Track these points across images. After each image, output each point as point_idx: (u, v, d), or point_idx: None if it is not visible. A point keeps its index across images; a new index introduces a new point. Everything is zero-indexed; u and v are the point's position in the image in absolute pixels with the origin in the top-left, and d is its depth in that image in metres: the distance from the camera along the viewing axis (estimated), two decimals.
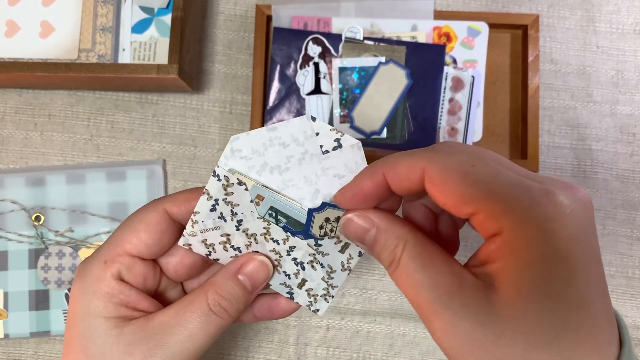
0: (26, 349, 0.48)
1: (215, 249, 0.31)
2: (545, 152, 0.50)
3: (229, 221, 0.30)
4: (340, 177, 0.28)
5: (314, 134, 0.28)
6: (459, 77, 0.48)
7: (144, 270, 0.30)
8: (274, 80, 0.48)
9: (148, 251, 0.30)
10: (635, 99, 0.50)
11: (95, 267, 0.29)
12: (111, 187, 0.48)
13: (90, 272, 0.29)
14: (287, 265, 0.31)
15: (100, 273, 0.29)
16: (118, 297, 0.29)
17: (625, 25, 0.51)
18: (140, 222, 0.30)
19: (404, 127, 0.48)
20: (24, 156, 0.49)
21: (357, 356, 0.48)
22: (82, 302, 0.29)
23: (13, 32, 0.48)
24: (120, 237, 0.30)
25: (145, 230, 0.30)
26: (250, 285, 0.30)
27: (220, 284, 0.30)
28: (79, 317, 0.29)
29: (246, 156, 0.28)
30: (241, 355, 0.48)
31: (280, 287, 0.32)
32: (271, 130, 0.28)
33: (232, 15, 0.51)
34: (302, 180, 0.29)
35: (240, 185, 0.29)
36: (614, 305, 0.49)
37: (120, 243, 0.30)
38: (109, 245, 0.30)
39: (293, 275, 0.31)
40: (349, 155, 0.28)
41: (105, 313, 0.29)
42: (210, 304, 0.29)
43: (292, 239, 0.30)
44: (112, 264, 0.29)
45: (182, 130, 0.50)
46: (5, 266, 0.47)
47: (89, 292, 0.29)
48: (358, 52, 0.48)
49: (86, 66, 0.44)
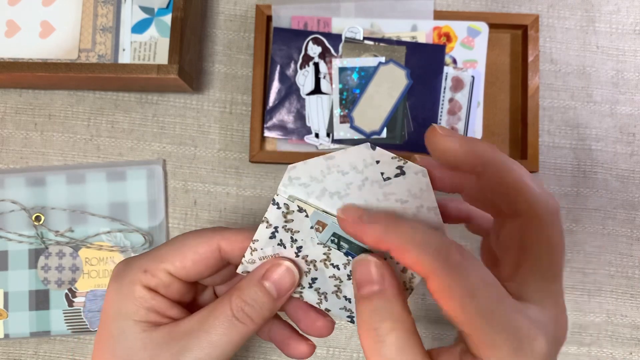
0: (26, 348, 0.48)
1: None
2: (545, 152, 0.50)
3: (289, 248, 0.30)
4: (403, 202, 0.28)
5: (374, 162, 0.28)
6: (459, 77, 0.48)
7: (180, 288, 0.31)
8: (274, 80, 0.48)
9: (187, 277, 0.30)
10: (635, 99, 0.50)
11: (133, 272, 0.30)
12: (111, 187, 0.48)
13: (128, 275, 0.30)
14: (348, 290, 0.30)
15: (137, 279, 0.30)
16: (150, 302, 0.29)
17: (625, 26, 0.51)
18: (190, 249, 0.30)
19: (404, 127, 0.48)
20: (24, 156, 0.49)
21: (357, 356, 0.48)
22: (115, 304, 0.29)
23: (13, 32, 0.48)
24: (166, 255, 0.30)
25: (192, 259, 0.30)
26: (275, 292, 0.29)
27: (244, 289, 0.29)
28: (110, 317, 0.29)
29: (305, 183, 0.28)
30: (241, 355, 0.48)
31: (340, 311, 0.31)
32: (329, 159, 0.28)
33: (232, 15, 0.51)
34: (364, 204, 0.28)
35: (300, 212, 0.29)
36: (614, 305, 0.49)
37: (164, 260, 0.30)
38: (153, 257, 0.30)
39: (354, 299, 0.30)
40: (412, 182, 0.28)
41: (136, 316, 0.29)
42: (233, 310, 0.29)
43: None
44: (151, 277, 0.30)
45: (182, 130, 0.50)
46: (6, 266, 0.47)
47: (123, 294, 0.29)
48: (358, 52, 0.48)
49: (86, 66, 0.44)
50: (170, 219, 0.49)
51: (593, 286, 0.49)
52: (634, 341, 0.48)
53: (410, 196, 0.28)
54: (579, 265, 0.49)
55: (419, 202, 0.28)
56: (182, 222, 0.49)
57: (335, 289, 0.31)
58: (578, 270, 0.49)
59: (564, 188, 0.49)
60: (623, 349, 0.48)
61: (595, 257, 0.49)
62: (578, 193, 0.49)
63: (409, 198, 0.28)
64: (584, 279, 0.49)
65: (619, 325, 0.48)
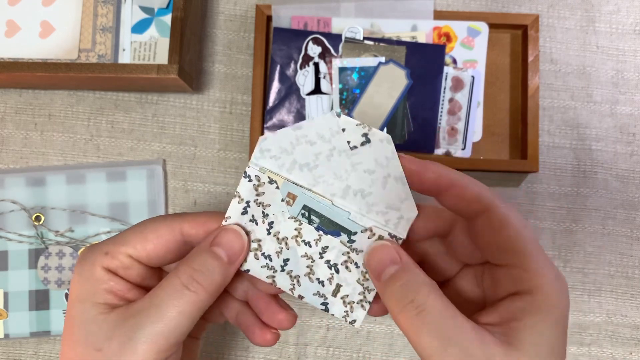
0: (26, 348, 0.48)
1: (246, 259, 0.30)
2: (545, 152, 0.50)
3: (260, 224, 0.30)
4: (370, 172, 0.28)
5: (340, 130, 0.28)
6: (458, 77, 0.48)
7: (141, 272, 0.30)
8: (274, 80, 0.48)
9: (148, 261, 0.30)
10: (635, 99, 0.50)
11: (95, 254, 0.30)
12: (111, 187, 0.48)
13: (89, 258, 0.30)
14: (320, 271, 0.30)
15: (98, 260, 0.29)
16: (108, 284, 0.29)
17: (625, 26, 0.51)
18: (152, 232, 0.30)
19: (404, 127, 0.48)
20: (24, 156, 0.49)
21: (357, 356, 0.48)
22: (77, 287, 0.29)
23: (13, 32, 0.48)
24: (127, 239, 0.30)
25: (153, 243, 0.30)
26: (225, 256, 0.29)
27: (193, 257, 0.29)
28: (71, 302, 0.29)
29: (275, 155, 0.28)
30: (241, 355, 0.48)
31: (314, 298, 0.30)
32: (297, 129, 0.28)
33: (232, 15, 0.51)
34: (332, 176, 0.28)
35: (271, 184, 0.29)
36: (614, 305, 0.49)
37: (125, 243, 0.30)
38: (115, 240, 0.30)
39: (327, 282, 0.30)
40: (378, 150, 0.28)
41: (95, 298, 0.29)
42: (182, 279, 0.28)
43: (325, 239, 0.29)
44: (111, 259, 0.29)
45: (182, 130, 0.50)
46: (6, 266, 0.47)
47: (84, 277, 0.29)
48: (358, 52, 0.48)
49: (86, 66, 0.44)
50: None
51: (593, 286, 0.49)
52: (633, 341, 0.48)
53: (377, 165, 0.28)
54: (579, 265, 0.49)
55: (385, 171, 0.28)
56: None
57: (308, 270, 0.30)
58: (578, 270, 0.49)
59: (564, 188, 0.49)
60: (623, 349, 0.48)
61: (595, 257, 0.49)
62: (578, 193, 0.49)
63: (376, 167, 0.28)
64: (584, 279, 0.49)
65: (619, 325, 0.48)
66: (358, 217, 0.29)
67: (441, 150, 0.48)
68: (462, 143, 0.48)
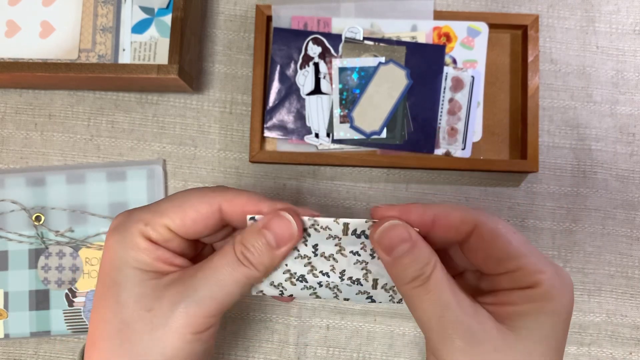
0: (26, 348, 0.48)
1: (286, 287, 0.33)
2: (545, 152, 0.50)
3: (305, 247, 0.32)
4: None
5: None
6: (458, 77, 0.48)
7: (180, 243, 0.31)
8: (274, 81, 0.48)
9: (185, 234, 0.30)
10: (634, 99, 0.50)
11: (135, 224, 0.30)
12: (111, 187, 0.48)
13: (130, 227, 0.30)
14: (354, 272, 0.32)
15: (139, 231, 0.30)
16: (155, 253, 0.30)
17: (625, 26, 0.51)
18: (191, 207, 0.30)
19: (404, 127, 0.48)
20: (24, 156, 0.50)
21: (357, 356, 0.48)
22: (119, 254, 0.29)
23: (13, 32, 0.48)
24: (166, 210, 0.30)
25: (192, 218, 0.30)
26: (274, 241, 0.30)
27: (246, 235, 0.30)
28: (114, 267, 0.29)
29: None
30: (241, 355, 0.48)
31: (357, 297, 0.33)
32: None
33: (232, 15, 0.51)
34: None
35: None
36: (614, 305, 0.49)
37: (164, 215, 0.30)
38: (153, 210, 0.30)
39: (363, 280, 0.33)
40: None
41: (142, 266, 0.29)
42: (236, 253, 0.29)
43: (349, 245, 0.32)
44: (152, 230, 0.30)
45: (182, 130, 0.50)
46: (6, 266, 0.47)
47: (127, 245, 0.29)
48: (358, 52, 0.48)
49: (86, 66, 0.44)
50: None
51: (593, 286, 0.49)
52: (633, 341, 0.48)
53: None
54: (578, 265, 0.49)
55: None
56: None
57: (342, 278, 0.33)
58: (578, 270, 0.49)
59: (564, 188, 0.49)
60: (623, 349, 0.48)
61: (595, 257, 0.49)
62: (578, 193, 0.49)
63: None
64: (583, 278, 0.49)
65: (618, 325, 0.48)
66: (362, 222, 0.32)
67: (441, 150, 0.48)
68: (462, 143, 0.48)
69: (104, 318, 0.29)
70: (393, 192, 0.49)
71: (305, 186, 0.49)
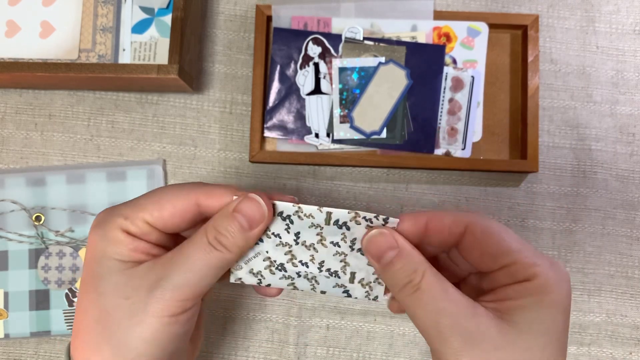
0: (26, 348, 0.48)
1: (264, 276, 0.33)
2: (545, 152, 0.50)
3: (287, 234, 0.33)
4: None
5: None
6: (458, 77, 0.48)
7: (158, 237, 0.32)
8: (274, 81, 0.48)
9: (164, 228, 0.31)
10: (634, 99, 0.50)
11: (115, 219, 0.31)
12: (111, 187, 0.48)
13: (110, 221, 0.31)
14: (333, 264, 0.33)
15: (119, 224, 0.31)
16: (133, 244, 0.30)
17: (625, 26, 0.51)
18: (168, 202, 0.31)
19: (404, 127, 0.48)
20: (24, 156, 0.50)
21: (357, 356, 0.48)
22: (100, 247, 0.30)
23: (13, 32, 0.48)
24: (144, 205, 0.31)
25: (169, 212, 0.31)
26: (245, 222, 0.31)
27: (217, 220, 0.31)
28: (95, 260, 0.30)
29: None
30: (241, 355, 0.48)
31: (334, 290, 0.34)
32: None
33: (232, 15, 0.51)
34: None
35: None
36: (614, 305, 0.49)
37: (142, 209, 0.31)
38: (132, 206, 0.31)
39: (341, 272, 0.33)
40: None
41: (121, 257, 0.30)
42: (209, 238, 0.30)
43: (329, 235, 0.32)
44: (131, 224, 0.31)
45: (182, 130, 0.50)
46: (6, 266, 0.47)
47: (106, 238, 0.30)
48: (358, 53, 0.48)
49: (86, 66, 0.44)
50: None
51: (593, 286, 0.49)
52: (633, 341, 0.48)
53: None
54: (578, 265, 0.49)
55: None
56: None
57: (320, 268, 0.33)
58: (578, 270, 0.49)
59: (564, 188, 0.49)
60: (623, 349, 0.48)
61: (595, 257, 0.49)
62: (578, 193, 0.49)
63: None
64: (583, 278, 0.49)
65: (618, 325, 0.48)
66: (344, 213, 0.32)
67: (441, 150, 0.48)
68: (462, 143, 0.48)
69: (85, 309, 0.30)
70: (393, 192, 0.49)
71: (305, 186, 0.49)
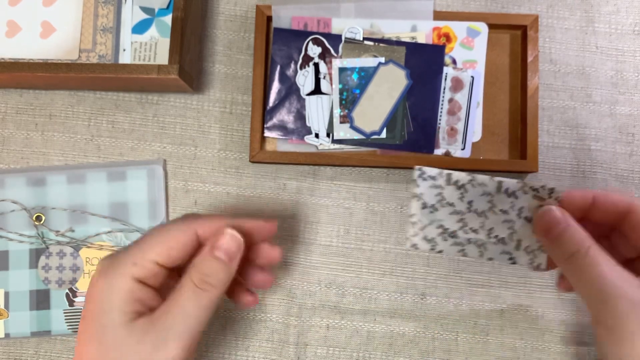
0: (27, 348, 0.48)
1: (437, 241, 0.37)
2: (545, 152, 0.50)
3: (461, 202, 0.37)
4: None
5: None
6: (458, 78, 0.49)
7: (164, 275, 0.34)
8: (274, 81, 0.48)
9: (172, 264, 0.34)
10: (634, 99, 0.50)
11: (122, 265, 0.33)
12: (112, 187, 0.48)
13: (118, 269, 0.33)
14: (501, 230, 0.36)
15: (128, 272, 0.33)
16: (137, 294, 0.33)
17: (625, 26, 0.51)
18: (173, 238, 0.34)
19: (404, 127, 0.48)
20: (25, 156, 0.50)
21: (357, 356, 0.48)
22: (105, 297, 0.32)
23: (14, 33, 0.48)
24: (151, 246, 0.34)
25: (175, 248, 0.34)
26: (226, 257, 0.34)
27: (199, 264, 0.34)
28: (100, 310, 0.32)
29: None
30: (242, 355, 0.48)
31: (501, 256, 0.37)
32: None
33: (233, 15, 0.51)
34: None
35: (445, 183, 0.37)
36: None
37: (150, 250, 0.34)
38: (140, 249, 0.34)
39: (508, 239, 0.37)
40: None
41: (124, 307, 0.32)
42: (196, 283, 0.33)
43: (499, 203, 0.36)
44: (141, 269, 0.33)
45: (182, 130, 0.50)
46: (6, 266, 0.47)
47: (114, 287, 0.32)
48: (358, 53, 0.48)
49: (87, 66, 0.44)
50: (171, 218, 0.49)
51: None
52: None
53: None
54: None
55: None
56: None
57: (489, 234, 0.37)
58: None
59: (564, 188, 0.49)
60: None
61: None
62: None
63: None
64: None
65: None
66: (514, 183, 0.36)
67: (441, 151, 0.48)
68: (461, 143, 0.48)
69: (90, 357, 0.32)
70: (393, 192, 0.50)
71: (305, 186, 0.50)
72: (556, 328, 0.48)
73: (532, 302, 0.48)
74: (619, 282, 0.31)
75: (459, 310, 0.48)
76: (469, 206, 0.36)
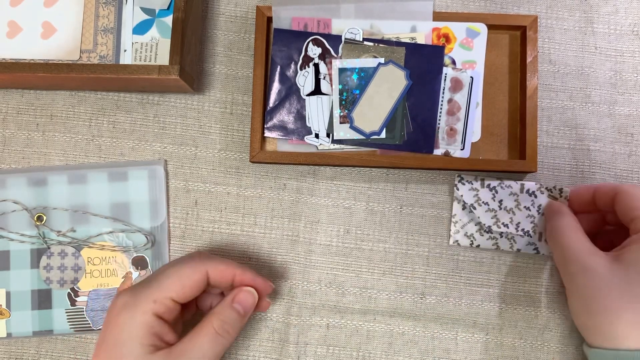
0: (28, 348, 0.48)
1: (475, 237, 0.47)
2: (544, 153, 0.50)
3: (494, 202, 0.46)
4: None
5: None
6: (457, 78, 0.49)
7: (177, 310, 0.39)
8: (274, 81, 0.49)
9: (184, 300, 0.39)
10: (633, 100, 0.51)
11: (144, 302, 0.37)
12: (113, 187, 0.48)
13: (140, 305, 0.37)
14: (526, 224, 0.45)
15: (150, 308, 0.37)
16: (156, 328, 0.37)
17: (624, 27, 0.51)
18: (187, 278, 0.39)
19: (403, 128, 0.48)
20: (26, 156, 0.50)
21: (356, 355, 0.48)
22: (127, 329, 0.36)
23: (15, 33, 0.49)
24: (170, 285, 0.38)
25: (189, 286, 0.39)
26: (242, 310, 0.40)
27: (221, 311, 0.39)
28: (121, 339, 0.36)
29: None
30: (242, 354, 0.48)
31: (527, 247, 0.46)
32: None
33: (233, 16, 0.51)
34: None
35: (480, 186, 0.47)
36: None
37: (167, 288, 0.38)
38: (158, 287, 0.38)
39: (532, 232, 0.46)
40: None
41: (143, 340, 0.36)
42: (216, 328, 0.38)
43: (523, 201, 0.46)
44: (160, 305, 0.37)
45: (183, 130, 0.50)
46: (8, 266, 0.48)
47: (136, 321, 0.37)
48: (358, 53, 0.48)
49: (88, 67, 0.44)
50: (172, 218, 0.49)
51: None
52: None
53: None
54: None
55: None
56: (184, 222, 0.49)
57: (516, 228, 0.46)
58: None
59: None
60: None
61: None
62: None
63: None
64: None
65: None
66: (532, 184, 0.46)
67: (440, 151, 0.49)
68: (461, 143, 0.49)
69: None
70: (393, 192, 0.50)
71: (305, 186, 0.50)
72: (555, 327, 0.48)
73: (532, 301, 0.48)
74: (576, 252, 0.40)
75: (459, 310, 0.48)
76: (500, 204, 0.45)
